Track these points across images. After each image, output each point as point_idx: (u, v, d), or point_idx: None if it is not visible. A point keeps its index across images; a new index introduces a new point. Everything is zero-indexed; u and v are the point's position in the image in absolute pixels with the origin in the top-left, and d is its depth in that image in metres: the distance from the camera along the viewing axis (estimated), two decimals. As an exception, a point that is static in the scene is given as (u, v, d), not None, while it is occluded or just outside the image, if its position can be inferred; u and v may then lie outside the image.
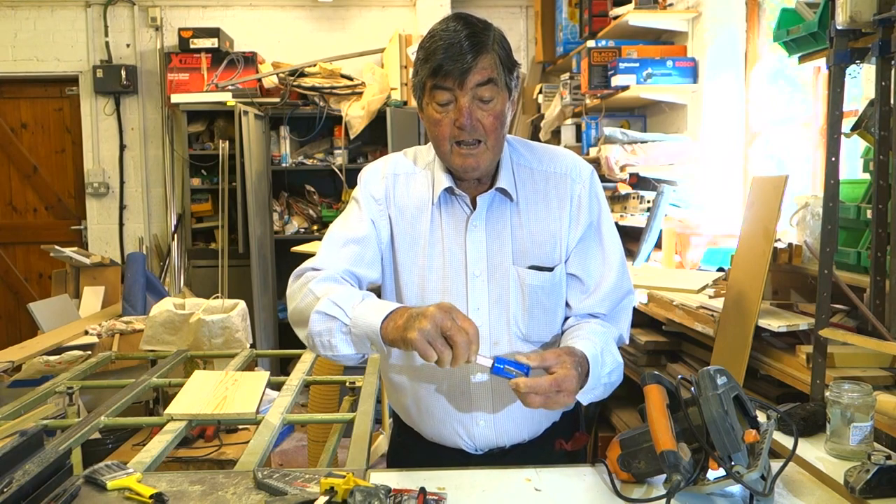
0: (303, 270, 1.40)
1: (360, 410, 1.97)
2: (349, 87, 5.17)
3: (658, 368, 2.73)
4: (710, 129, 3.64)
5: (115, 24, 5.48)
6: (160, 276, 5.37)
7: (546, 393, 1.19)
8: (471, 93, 1.30)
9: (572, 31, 4.78)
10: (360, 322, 1.23)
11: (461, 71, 1.28)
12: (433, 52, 1.30)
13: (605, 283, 1.43)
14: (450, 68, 1.28)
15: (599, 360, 1.30)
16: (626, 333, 1.48)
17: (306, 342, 1.32)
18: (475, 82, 1.30)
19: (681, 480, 1.15)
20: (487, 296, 1.41)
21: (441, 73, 1.29)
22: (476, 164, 1.35)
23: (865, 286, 1.91)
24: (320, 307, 1.27)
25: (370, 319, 1.21)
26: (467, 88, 1.30)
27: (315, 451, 3.03)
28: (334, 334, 1.26)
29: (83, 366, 2.56)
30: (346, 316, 1.24)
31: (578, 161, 1.48)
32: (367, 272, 1.41)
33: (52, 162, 5.69)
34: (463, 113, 1.30)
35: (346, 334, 1.26)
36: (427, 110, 1.35)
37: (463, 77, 1.29)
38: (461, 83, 1.29)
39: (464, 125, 1.30)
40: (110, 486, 1.24)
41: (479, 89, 1.30)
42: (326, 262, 1.39)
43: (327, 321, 1.26)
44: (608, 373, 1.33)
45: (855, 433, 1.37)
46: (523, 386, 1.18)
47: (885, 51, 1.73)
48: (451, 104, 1.31)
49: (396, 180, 1.46)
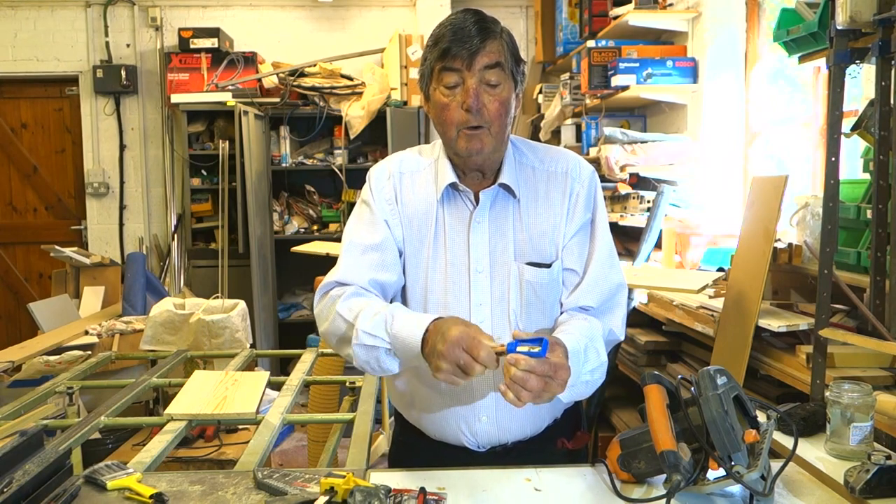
0: (328, 286, 1.42)
1: (360, 410, 1.97)
2: (349, 87, 5.17)
3: (658, 368, 2.73)
4: (710, 129, 3.64)
5: (115, 24, 5.48)
6: (160, 276, 5.36)
7: (544, 376, 1.17)
8: (478, 75, 1.33)
9: (572, 31, 4.78)
10: (400, 345, 1.27)
11: (470, 52, 1.31)
12: (442, 37, 1.34)
13: (591, 274, 1.43)
14: (458, 50, 1.31)
15: (581, 357, 1.29)
16: (619, 329, 1.46)
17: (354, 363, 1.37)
18: (483, 64, 1.32)
19: (681, 480, 1.15)
20: (490, 292, 1.41)
21: (450, 55, 1.32)
22: (480, 147, 1.36)
23: (865, 286, 1.91)
24: (358, 340, 1.31)
25: (410, 343, 1.26)
26: (475, 70, 1.32)
27: (315, 451, 3.03)
28: (382, 360, 1.31)
29: (83, 366, 2.56)
30: (385, 342, 1.29)
31: (580, 161, 1.49)
32: (390, 276, 1.42)
33: (52, 162, 5.69)
34: (470, 94, 1.32)
35: (392, 355, 1.30)
36: (434, 96, 1.37)
37: (471, 58, 1.32)
38: (469, 64, 1.32)
39: (471, 106, 1.32)
40: (110, 486, 1.24)
41: (486, 72, 1.33)
42: (349, 273, 1.41)
43: (371, 351, 1.31)
44: (590, 370, 1.32)
45: (855, 433, 1.37)
46: (524, 363, 1.16)
47: (885, 51, 1.73)
48: (459, 87, 1.34)
49: (402, 179, 1.48)
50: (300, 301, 5.50)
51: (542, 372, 1.17)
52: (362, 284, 1.39)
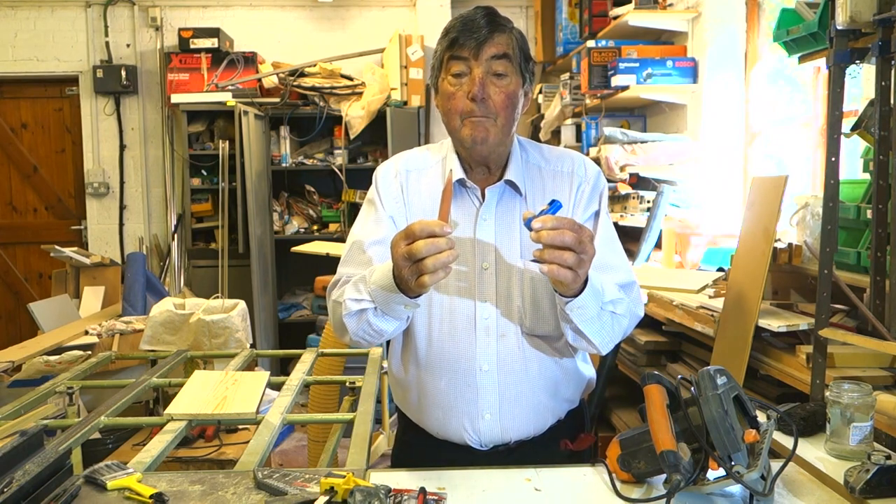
0: (334, 285, 1.44)
1: (360, 410, 1.97)
2: (349, 87, 5.17)
3: (658, 368, 2.73)
4: (710, 129, 3.64)
5: (115, 24, 5.48)
6: (160, 276, 5.36)
7: (573, 229, 1.14)
8: (485, 65, 1.34)
9: (572, 31, 4.78)
10: (381, 297, 1.26)
11: (477, 42, 1.33)
12: (452, 28, 1.37)
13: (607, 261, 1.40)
14: (466, 39, 1.33)
15: (598, 287, 1.28)
16: (637, 307, 1.42)
17: (357, 345, 1.38)
18: (490, 54, 1.34)
19: (681, 480, 1.15)
20: (495, 288, 1.42)
21: (458, 45, 1.34)
22: (485, 135, 1.36)
23: (865, 286, 1.91)
24: (347, 310, 1.32)
25: (386, 286, 1.24)
26: (482, 59, 1.34)
27: (315, 451, 3.03)
28: (372, 322, 1.31)
29: (83, 366, 2.56)
30: (369, 300, 1.28)
31: (585, 161, 1.50)
32: None
33: (52, 162, 5.69)
34: (476, 83, 1.33)
35: (380, 314, 1.29)
36: (442, 86, 1.39)
37: (479, 48, 1.33)
38: (476, 53, 1.34)
39: (475, 95, 1.33)
40: (110, 486, 1.24)
41: (493, 62, 1.34)
42: (353, 269, 1.42)
43: (360, 316, 1.31)
44: (611, 300, 1.31)
45: (855, 433, 1.37)
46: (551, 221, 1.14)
47: (885, 51, 1.73)
48: (466, 76, 1.35)
49: (409, 176, 1.49)
50: (300, 301, 5.50)
51: (570, 225, 1.15)
52: None
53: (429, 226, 1.15)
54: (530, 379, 1.43)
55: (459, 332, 1.42)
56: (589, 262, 1.19)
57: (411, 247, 1.14)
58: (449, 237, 1.15)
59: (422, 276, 1.15)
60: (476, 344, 1.41)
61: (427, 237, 1.14)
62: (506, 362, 1.42)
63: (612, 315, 1.33)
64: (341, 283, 1.42)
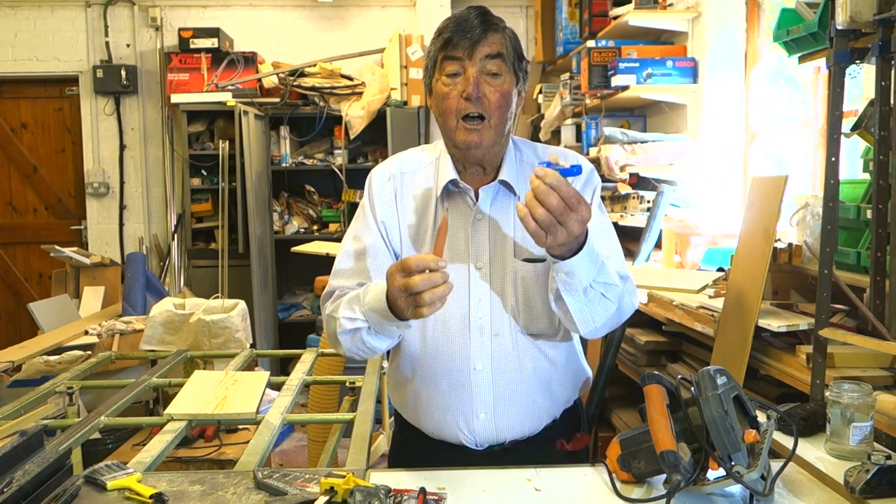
0: (327, 297, 1.46)
1: (360, 410, 1.97)
2: (349, 87, 5.17)
3: (658, 368, 2.73)
4: (710, 129, 3.64)
5: (115, 24, 5.47)
6: (160, 276, 5.36)
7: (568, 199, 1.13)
8: (479, 64, 1.34)
9: (572, 31, 4.78)
10: (374, 318, 1.28)
11: (471, 41, 1.33)
12: (445, 29, 1.37)
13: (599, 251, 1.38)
14: (460, 39, 1.34)
15: (597, 258, 1.26)
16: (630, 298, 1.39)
17: (351, 358, 1.43)
18: (484, 53, 1.34)
19: (681, 480, 1.15)
20: (489, 288, 1.42)
21: (451, 45, 1.35)
22: (479, 141, 1.37)
23: (865, 286, 1.91)
24: (341, 328, 1.34)
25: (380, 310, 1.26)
26: (476, 59, 1.34)
27: (315, 451, 3.03)
28: (365, 340, 1.33)
29: (83, 366, 2.56)
30: (363, 321, 1.31)
31: (579, 158, 1.49)
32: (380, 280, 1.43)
33: (52, 162, 5.68)
34: (470, 82, 1.33)
35: (373, 333, 1.32)
36: (436, 87, 1.39)
37: (472, 47, 1.34)
38: (470, 53, 1.34)
39: (470, 94, 1.33)
40: (110, 486, 1.24)
41: (487, 62, 1.34)
42: (343, 282, 1.45)
43: (354, 335, 1.34)
44: (603, 283, 1.28)
45: (855, 433, 1.37)
46: (552, 177, 1.13)
47: (885, 51, 1.72)
48: (460, 76, 1.35)
49: (403, 179, 1.50)
50: (300, 301, 5.50)
51: (567, 194, 1.14)
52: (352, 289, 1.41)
53: (424, 261, 1.16)
54: (524, 378, 1.43)
55: (453, 331, 1.42)
56: (566, 235, 1.16)
57: (408, 280, 1.16)
58: (444, 271, 1.17)
59: (419, 307, 1.17)
60: (470, 343, 1.42)
61: (423, 271, 1.16)
62: (500, 361, 1.42)
63: (601, 297, 1.29)
64: (335, 296, 1.43)
